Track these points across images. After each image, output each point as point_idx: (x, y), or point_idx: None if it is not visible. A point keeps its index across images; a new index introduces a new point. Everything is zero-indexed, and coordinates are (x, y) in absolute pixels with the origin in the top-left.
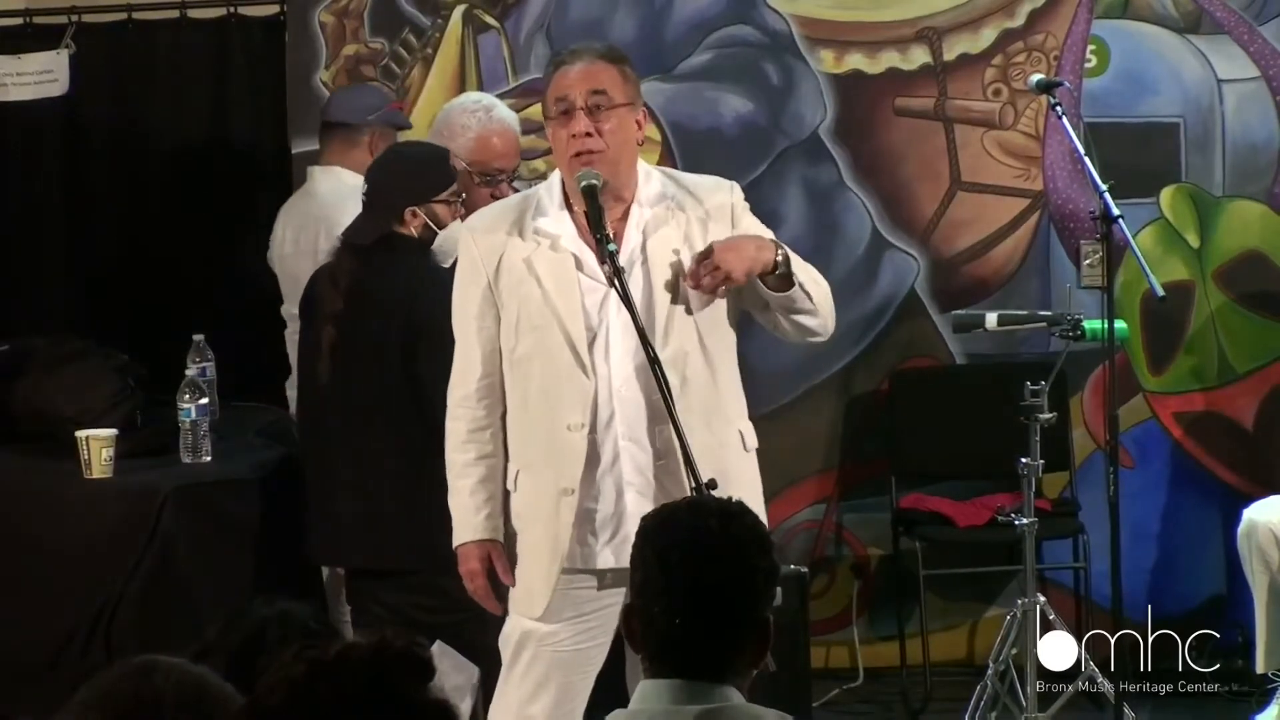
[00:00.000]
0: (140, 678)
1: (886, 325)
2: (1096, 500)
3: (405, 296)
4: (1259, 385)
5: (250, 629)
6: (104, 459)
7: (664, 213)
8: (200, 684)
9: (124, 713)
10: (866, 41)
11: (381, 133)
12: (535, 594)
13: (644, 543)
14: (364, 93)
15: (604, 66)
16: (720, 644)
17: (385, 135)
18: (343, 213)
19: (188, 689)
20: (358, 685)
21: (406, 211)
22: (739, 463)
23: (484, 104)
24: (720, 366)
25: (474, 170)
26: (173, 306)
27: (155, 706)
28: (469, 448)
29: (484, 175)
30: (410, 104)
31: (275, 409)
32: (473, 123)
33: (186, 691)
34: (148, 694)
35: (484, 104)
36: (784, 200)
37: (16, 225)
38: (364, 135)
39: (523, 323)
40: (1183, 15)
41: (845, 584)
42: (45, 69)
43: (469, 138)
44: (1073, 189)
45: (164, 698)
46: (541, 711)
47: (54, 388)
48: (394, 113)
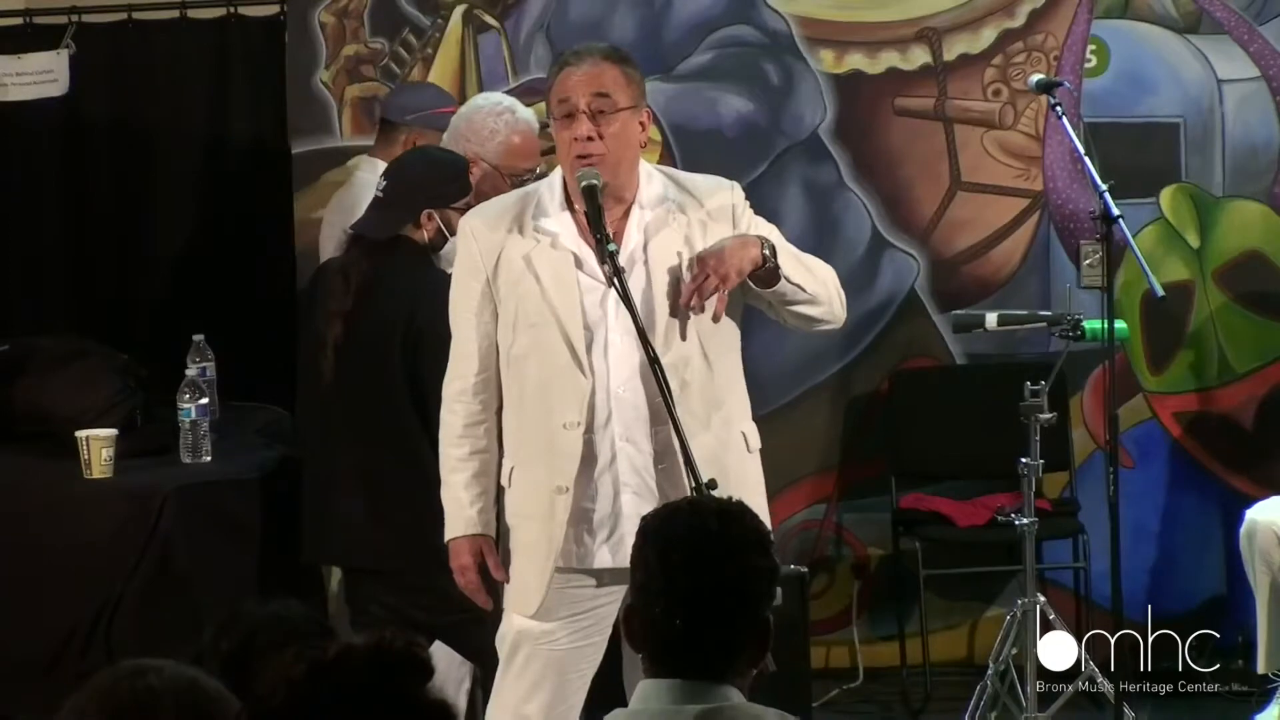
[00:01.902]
0: (135, 679)
1: (886, 325)
2: (1096, 500)
3: (411, 298)
4: (1259, 385)
5: (244, 630)
6: (104, 459)
7: (665, 214)
8: (194, 683)
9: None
10: (866, 41)
11: (421, 134)
12: (530, 591)
13: (645, 543)
14: (409, 92)
15: (608, 68)
16: (720, 644)
17: (425, 136)
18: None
19: (183, 688)
20: (358, 685)
21: (423, 214)
22: (742, 464)
23: (506, 105)
24: (722, 368)
25: (504, 172)
26: (173, 306)
27: (153, 707)
28: (463, 442)
29: (513, 176)
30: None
31: (275, 409)
32: (500, 126)
33: (182, 691)
34: (145, 695)
35: (506, 105)
36: (784, 200)
37: (16, 225)
38: (400, 134)
39: (520, 320)
40: (1183, 15)
41: (845, 584)
42: (45, 69)
43: (498, 141)
44: (1073, 189)
45: (161, 698)
46: (537, 710)
47: (54, 388)
48: (434, 116)
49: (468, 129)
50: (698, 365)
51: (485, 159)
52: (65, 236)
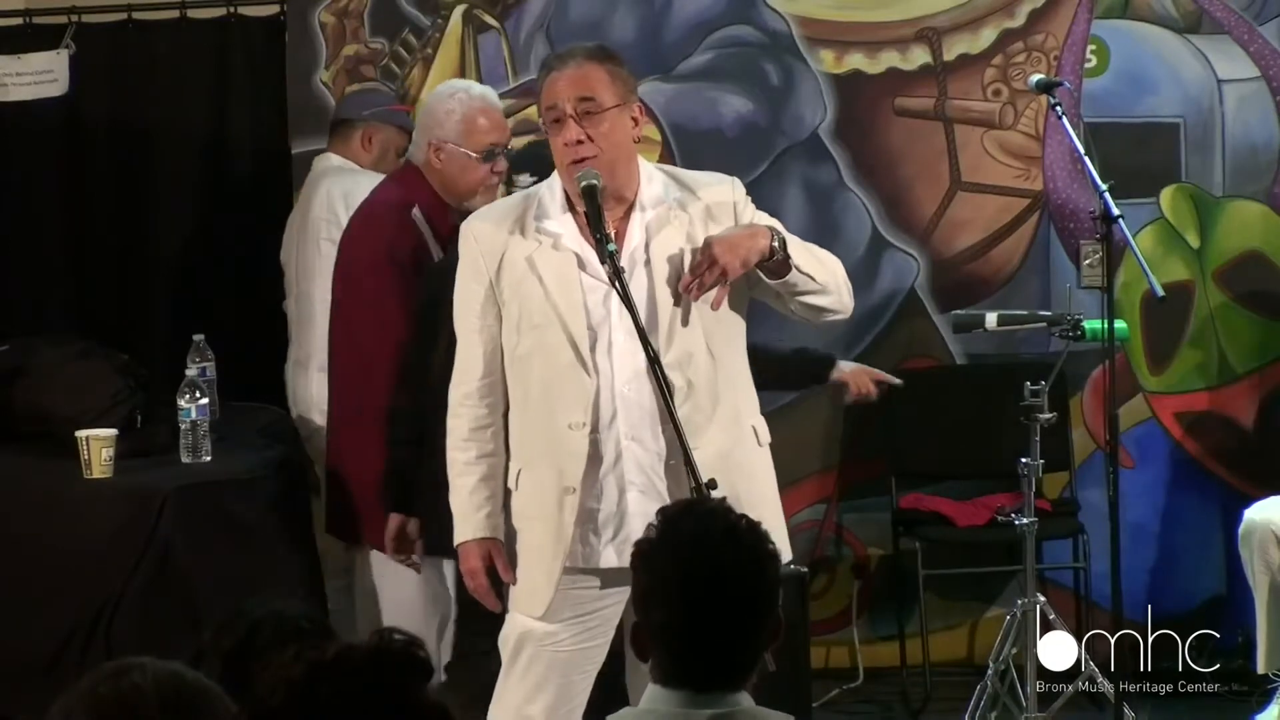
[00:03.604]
0: (119, 678)
1: (886, 325)
2: (1096, 500)
3: None
4: (1259, 385)
5: (244, 630)
6: (104, 459)
7: (667, 213)
8: (177, 676)
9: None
10: (866, 41)
11: (378, 128)
12: (538, 592)
13: (647, 560)
14: (363, 92)
15: (592, 68)
16: (732, 658)
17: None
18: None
19: (166, 685)
20: (357, 686)
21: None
22: (753, 459)
23: (461, 86)
24: (728, 364)
25: (471, 149)
26: (173, 306)
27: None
28: (470, 446)
29: (480, 153)
30: (411, 104)
31: (275, 409)
32: (455, 105)
33: (166, 687)
34: (130, 693)
35: (461, 86)
36: (784, 200)
37: (16, 225)
38: (357, 129)
39: (524, 321)
40: (1183, 15)
41: (845, 584)
42: (45, 69)
43: (455, 119)
44: (1073, 189)
45: (147, 697)
46: (540, 711)
47: (54, 388)
48: (389, 112)
49: (427, 117)
50: (703, 362)
51: (449, 140)
52: (65, 236)
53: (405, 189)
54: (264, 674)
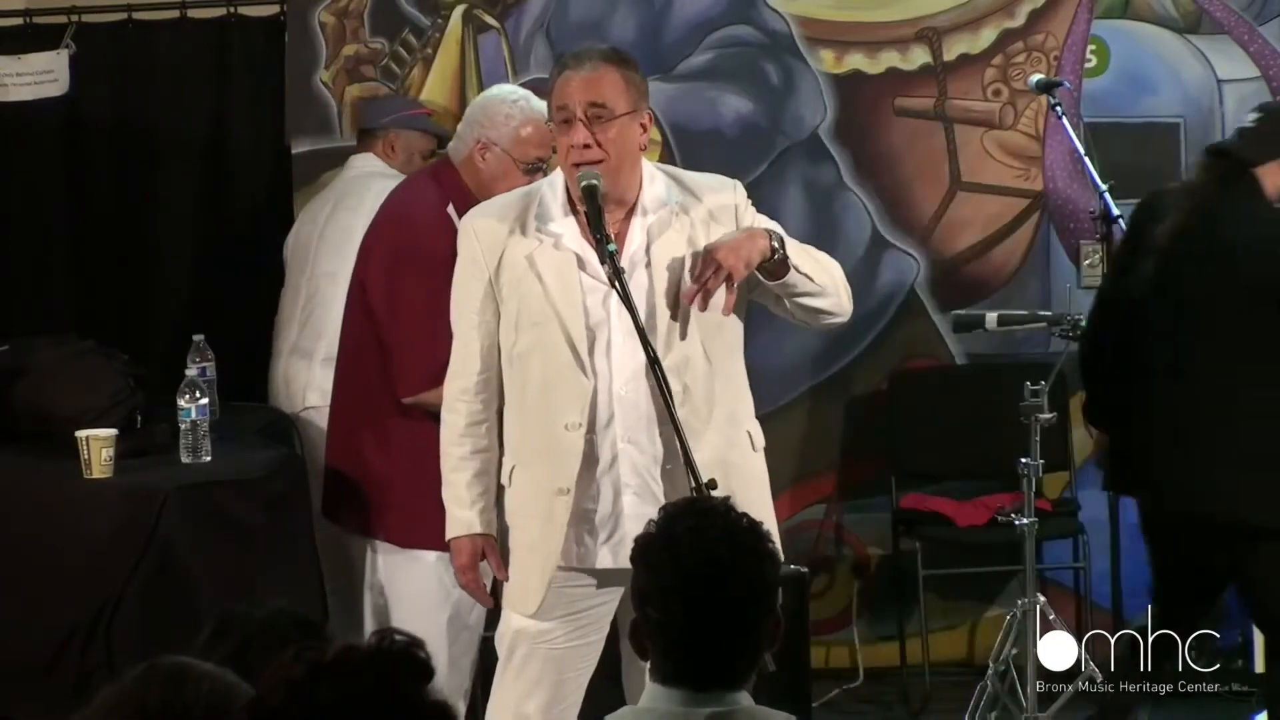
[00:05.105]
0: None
1: (886, 325)
2: (1096, 500)
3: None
4: None
5: (240, 631)
6: (104, 459)
7: (668, 216)
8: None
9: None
10: (866, 41)
11: (398, 135)
12: (530, 591)
13: (646, 561)
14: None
15: (606, 72)
16: (731, 657)
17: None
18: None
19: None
20: (358, 686)
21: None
22: (748, 463)
23: (522, 94)
24: (726, 368)
25: (515, 157)
26: (173, 306)
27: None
28: (465, 441)
29: (524, 162)
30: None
31: (275, 409)
32: (515, 112)
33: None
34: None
35: (522, 94)
36: (784, 200)
37: (16, 225)
38: (379, 137)
39: (522, 319)
40: (1183, 15)
41: (845, 584)
42: (45, 69)
43: (512, 126)
44: (1073, 189)
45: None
46: (537, 709)
47: (54, 388)
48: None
49: (483, 115)
50: (700, 366)
51: (498, 143)
52: (65, 236)
53: (443, 188)
54: (264, 674)
